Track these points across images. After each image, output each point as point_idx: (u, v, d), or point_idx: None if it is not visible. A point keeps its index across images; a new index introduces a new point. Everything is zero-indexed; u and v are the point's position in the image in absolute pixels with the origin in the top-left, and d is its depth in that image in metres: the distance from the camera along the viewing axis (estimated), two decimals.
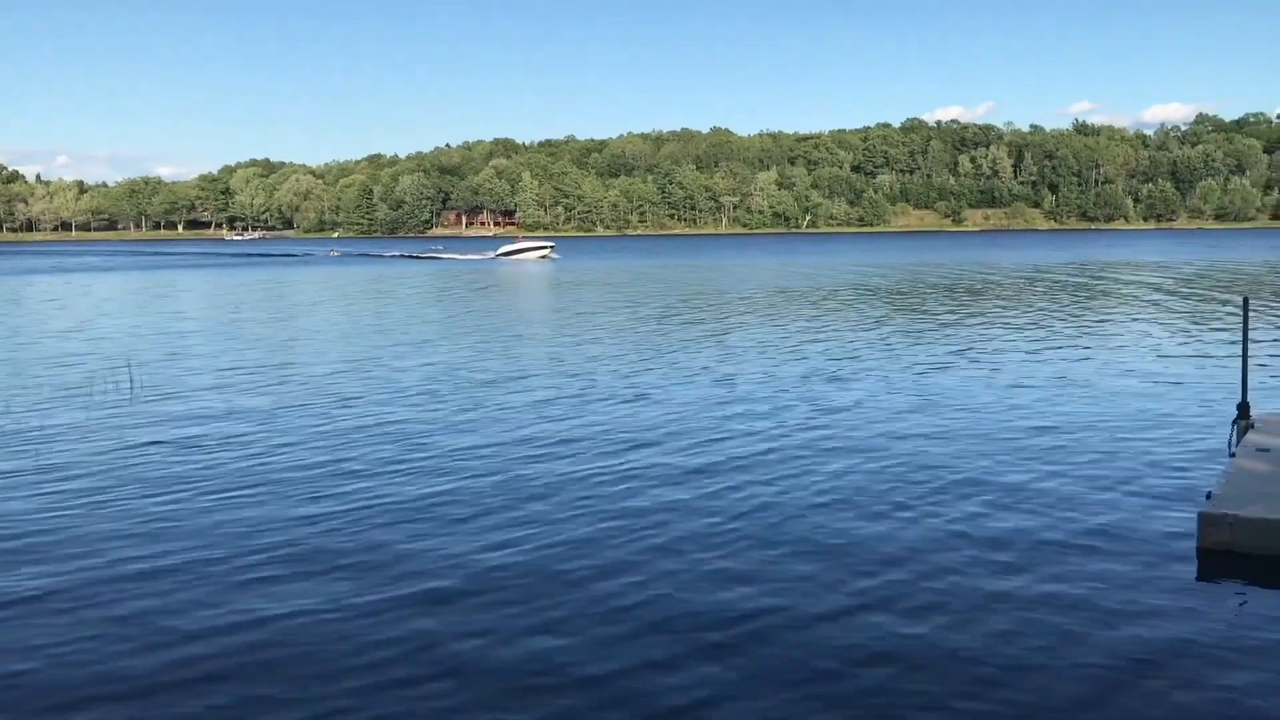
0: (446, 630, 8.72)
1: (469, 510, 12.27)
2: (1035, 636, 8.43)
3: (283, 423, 17.85)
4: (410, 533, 11.40)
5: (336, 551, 10.77)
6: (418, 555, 10.64)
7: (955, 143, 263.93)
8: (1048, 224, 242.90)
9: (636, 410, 18.64)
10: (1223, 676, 7.68)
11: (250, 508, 12.46)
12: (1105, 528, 11.26)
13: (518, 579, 9.90)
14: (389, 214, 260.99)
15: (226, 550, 10.85)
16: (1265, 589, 9.51)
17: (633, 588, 9.64)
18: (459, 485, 13.43)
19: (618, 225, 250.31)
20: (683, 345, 28.75)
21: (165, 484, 13.62)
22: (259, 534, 11.40)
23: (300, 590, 9.66)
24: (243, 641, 8.52)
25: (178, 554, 10.71)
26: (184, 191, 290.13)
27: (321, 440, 16.31)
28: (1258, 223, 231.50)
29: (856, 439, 15.96)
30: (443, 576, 9.99)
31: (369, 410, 19.00)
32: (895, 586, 9.60)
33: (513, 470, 14.21)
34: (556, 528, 11.49)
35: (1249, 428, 14.20)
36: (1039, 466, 14.06)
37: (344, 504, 12.56)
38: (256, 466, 14.58)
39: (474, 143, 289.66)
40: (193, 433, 17.00)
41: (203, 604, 9.36)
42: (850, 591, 9.49)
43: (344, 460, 14.90)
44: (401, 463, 14.71)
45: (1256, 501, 10.60)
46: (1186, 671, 7.77)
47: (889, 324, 34.33)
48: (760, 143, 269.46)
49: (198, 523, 11.84)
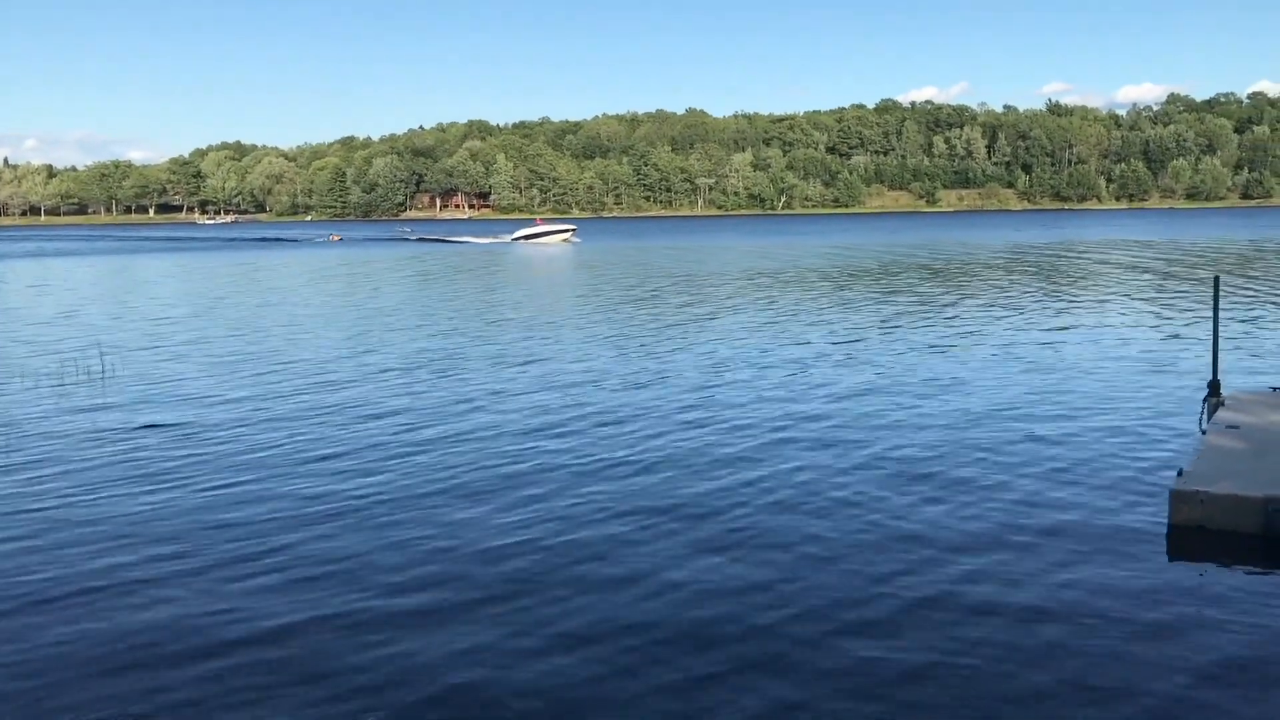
0: (441, 627, 8.71)
1: (458, 498, 12.26)
2: (1005, 613, 8.49)
3: (269, 409, 17.74)
4: (389, 523, 11.37)
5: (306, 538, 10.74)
6: (398, 547, 10.61)
7: (929, 124, 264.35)
8: (1021, 204, 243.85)
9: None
10: (1191, 652, 7.75)
11: (220, 496, 12.38)
12: (1077, 505, 11.34)
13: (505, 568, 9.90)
14: (362, 197, 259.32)
15: (193, 542, 10.78)
16: (1235, 565, 9.60)
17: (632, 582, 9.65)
18: (443, 472, 13.40)
19: (593, 207, 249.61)
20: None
21: (138, 469, 13.53)
22: (227, 523, 11.33)
23: (279, 582, 9.63)
24: (213, 633, 8.48)
25: (143, 542, 10.65)
26: (154, 175, 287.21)
27: (303, 424, 16.23)
28: (1228, 202, 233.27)
29: (848, 421, 16.03)
30: (423, 565, 9.97)
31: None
32: (879, 562, 9.65)
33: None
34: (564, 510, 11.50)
35: (1219, 405, 14.33)
36: (1011, 444, 14.13)
37: (319, 489, 12.51)
38: (231, 453, 14.49)
39: (448, 124, 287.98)
40: (167, 418, 16.87)
41: (175, 598, 9.30)
42: (831, 567, 9.54)
43: (322, 444, 14.83)
44: (381, 448, 14.67)
45: (1227, 478, 10.70)
46: (1156, 647, 7.84)
47: (886, 305, 34.42)
48: (735, 124, 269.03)
49: (168, 510, 11.76)
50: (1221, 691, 7.15)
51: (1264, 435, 12.48)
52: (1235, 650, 7.79)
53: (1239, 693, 7.14)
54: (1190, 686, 7.22)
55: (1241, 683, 7.28)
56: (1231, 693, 7.14)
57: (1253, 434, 12.57)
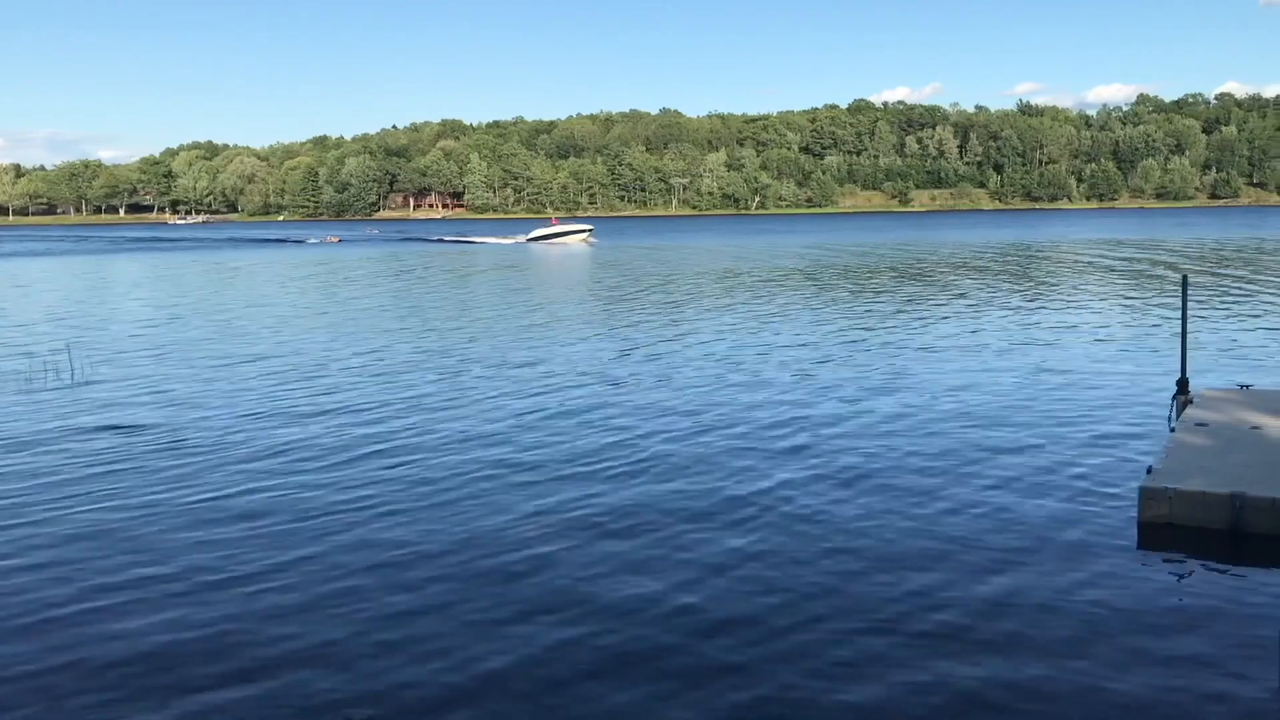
0: (435, 625, 8.71)
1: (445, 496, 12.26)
2: (973, 606, 8.57)
3: (242, 407, 17.66)
4: (363, 517, 11.36)
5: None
6: (376, 543, 10.60)
7: (902, 124, 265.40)
8: (993, 204, 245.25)
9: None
10: (1161, 647, 7.86)
11: (185, 500, 12.33)
12: (1048, 501, 11.47)
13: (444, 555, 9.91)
14: (335, 196, 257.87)
15: (156, 550, 10.74)
16: (1203, 561, 9.73)
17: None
18: (414, 473, 13.39)
19: (567, 207, 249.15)
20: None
21: (108, 466, 13.45)
22: (197, 528, 11.29)
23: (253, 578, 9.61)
24: (169, 632, 8.46)
25: (105, 542, 10.60)
26: (125, 175, 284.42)
27: (277, 422, 16.17)
28: (1196, 202, 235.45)
29: (817, 418, 16.11)
30: (393, 564, 9.97)
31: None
32: (854, 562, 9.72)
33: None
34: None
35: (1188, 403, 14.51)
36: (982, 442, 14.26)
37: (296, 485, 12.48)
38: (205, 453, 14.43)
39: (421, 124, 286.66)
40: (139, 419, 16.76)
41: (143, 601, 9.27)
42: (804, 564, 9.60)
43: (304, 445, 14.79)
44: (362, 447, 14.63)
45: (1195, 475, 10.84)
46: (1126, 641, 7.95)
47: (860, 307, 34.56)
48: (709, 124, 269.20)
49: (128, 513, 11.70)
50: (1189, 685, 7.25)
51: (1232, 432, 12.65)
52: (1203, 644, 7.90)
53: (1206, 686, 7.24)
54: (1158, 679, 7.32)
55: (1208, 676, 7.38)
56: (1198, 686, 7.24)
57: (1221, 431, 12.74)
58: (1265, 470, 10.75)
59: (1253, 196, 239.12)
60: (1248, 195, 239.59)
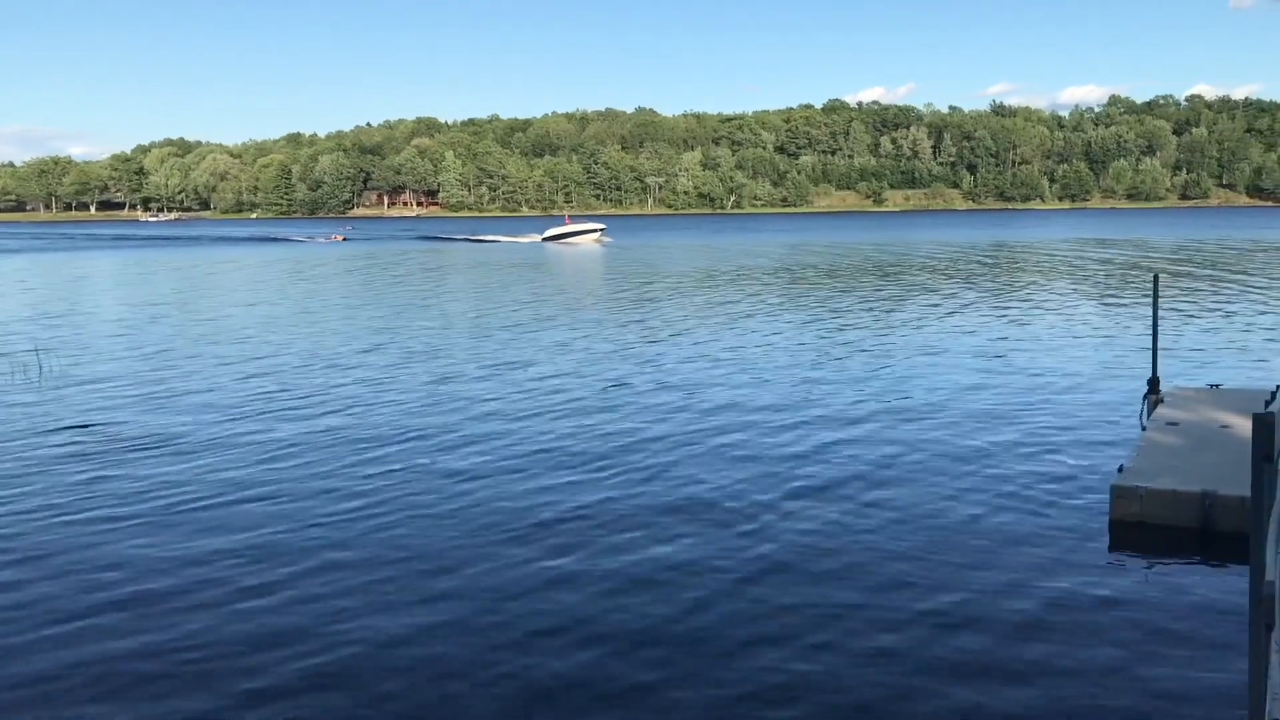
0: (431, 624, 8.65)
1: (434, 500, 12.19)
2: (948, 607, 8.60)
3: (207, 410, 17.52)
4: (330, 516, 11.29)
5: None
6: (347, 542, 10.54)
7: (876, 124, 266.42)
8: (966, 204, 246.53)
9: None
10: (1132, 643, 7.91)
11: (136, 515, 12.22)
12: (1021, 500, 11.53)
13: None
14: (308, 194, 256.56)
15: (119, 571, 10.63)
16: (1172, 558, 9.80)
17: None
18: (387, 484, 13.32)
19: (543, 206, 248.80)
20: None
21: (77, 465, 13.31)
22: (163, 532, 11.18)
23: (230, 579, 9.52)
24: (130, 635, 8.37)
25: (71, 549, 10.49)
26: (96, 172, 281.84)
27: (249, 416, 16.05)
28: (1167, 202, 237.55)
29: (779, 419, 16.13)
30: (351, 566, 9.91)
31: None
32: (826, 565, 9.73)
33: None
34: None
35: (1159, 402, 14.62)
36: (955, 441, 14.32)
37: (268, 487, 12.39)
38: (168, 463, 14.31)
39: (395, 122, 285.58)
40: (105, 419, 16.59)
41: (114, 604, 9.18)
42: (756, 562, 9.61)
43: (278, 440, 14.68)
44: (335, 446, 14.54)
45: (1166, 474, 10.92)
46: (1098, 638, 7.99)
47: (834, 306, 34.65)
48: (685, 123, 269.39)
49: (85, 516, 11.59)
50: (1158, 679, 7.30)
51: (1202, 431, 12.75)
52: (1173, 641, 7.95)
53: (1175, 681, 7.28)
54: (1128, 675, 7.36)
55: (1177, 672, 7.42)
56: (1167, 681, 7.28)
57: (1191, 430, 12.84)
58: (1235, 469, 10.83)
59: (1222, 197, 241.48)
60: (1217, 196, 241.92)
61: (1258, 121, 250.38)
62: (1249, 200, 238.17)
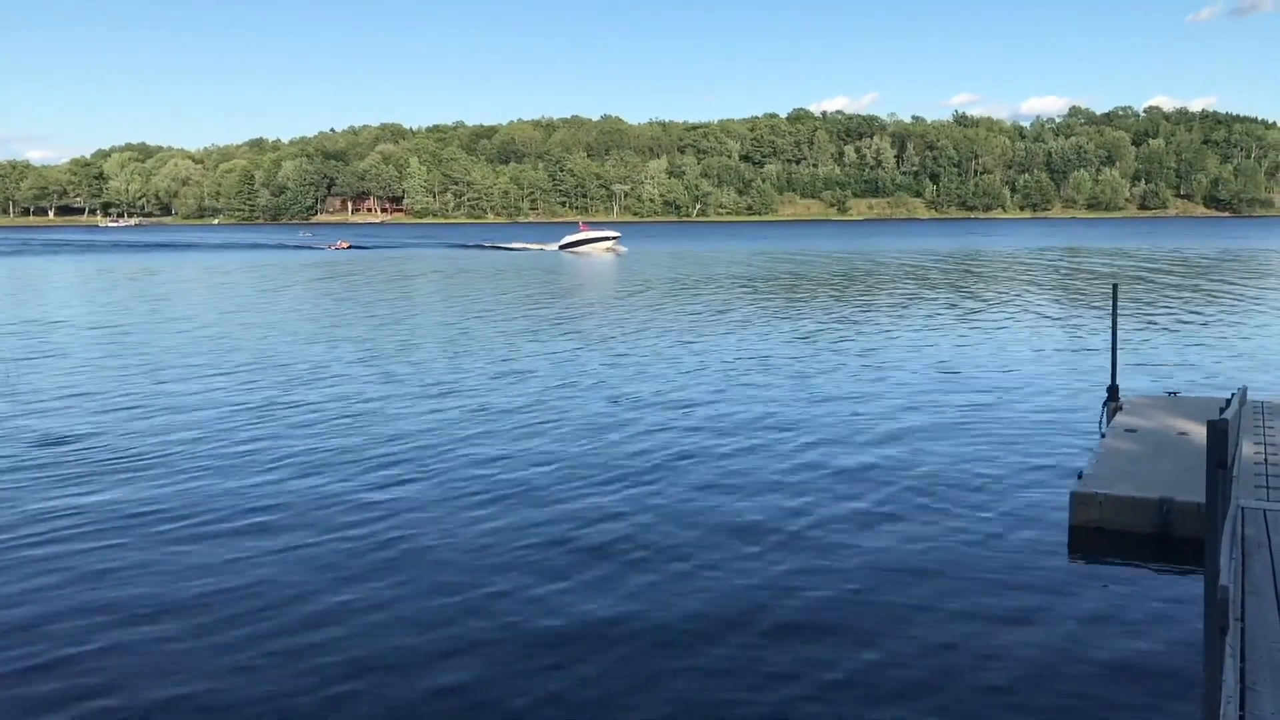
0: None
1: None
2: (907, 613, 8.68)
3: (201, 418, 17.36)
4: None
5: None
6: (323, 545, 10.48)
7: (840, 133, 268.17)
8: (929, 213, 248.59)
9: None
10: (1089, 647, 8.02)
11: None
12: (982, 507, 11.65)
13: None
14: (271, 200, 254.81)
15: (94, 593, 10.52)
16: (1132, 565, 9.94)
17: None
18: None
19: (509, 212, 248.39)
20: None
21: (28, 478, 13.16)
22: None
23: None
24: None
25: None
26: (54, 176, 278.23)
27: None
28: (1126, 212, 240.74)
29: (728, 426, 16.20)
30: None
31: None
32: (778, 576, 9.79)
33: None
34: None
35: (1118, 410, 14.83)
36: (917, 449, 14.45)
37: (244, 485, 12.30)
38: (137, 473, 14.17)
39: (360, 127, 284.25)
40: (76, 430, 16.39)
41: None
42: (721, 566, 9.66)
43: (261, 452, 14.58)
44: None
45: (1125, 480, 11.08)
46: (1055, 643, 8.09)
47: (794, 314, 34.78)
48: (650, 131, 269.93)
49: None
50: (1117, 683, 7.41)
51: (1160, 438, 12.95)
52: (1130, 643, 8.07)
53: (1133, 684, 7.40)
54: (1087, 679, 7.46)
55: (1136, 675, 7.54)
56: (1126, 684, 7.39)
57: (1149, 437, 13.03)
58: (1192, 475, 10.98)
59: (1180, 208, 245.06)
60: (1175, 206, 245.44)
61: (1214, 133, 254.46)
62: (1206, 210, 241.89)
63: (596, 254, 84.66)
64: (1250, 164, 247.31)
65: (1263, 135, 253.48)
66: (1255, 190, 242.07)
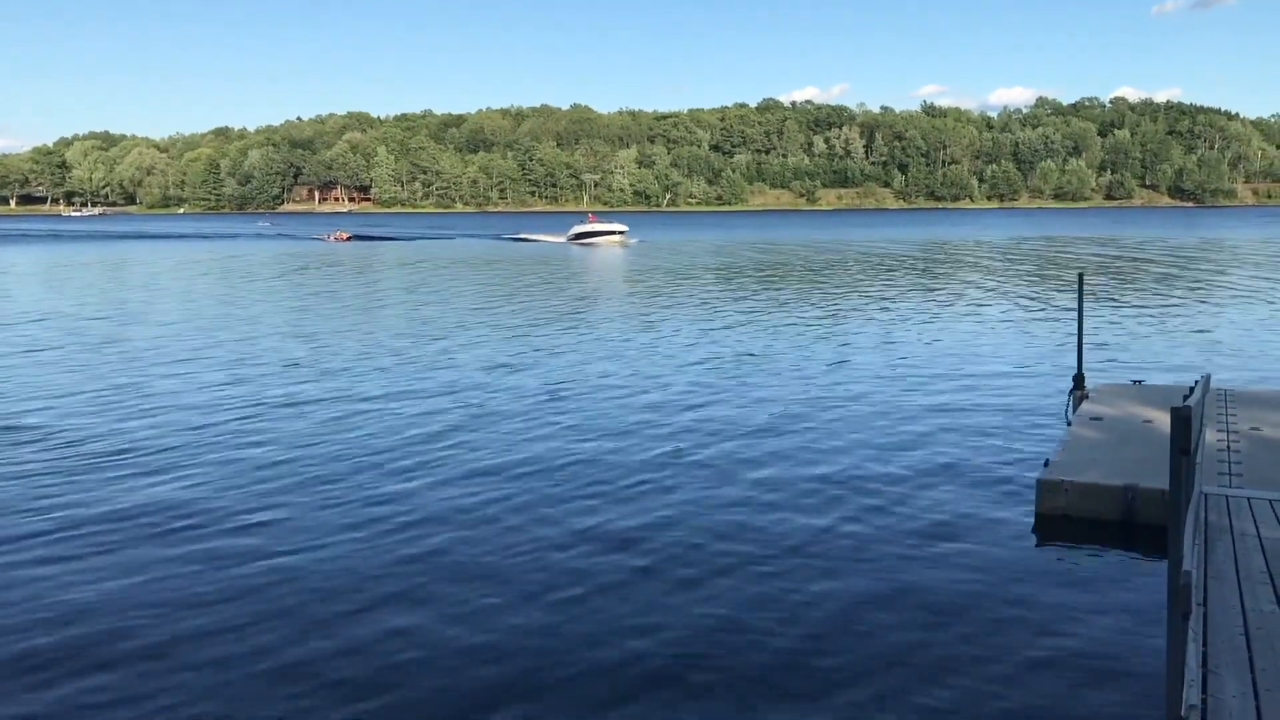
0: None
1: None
2: (872, 602, 8.71)
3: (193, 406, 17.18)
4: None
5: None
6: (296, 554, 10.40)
7: (810, 123, 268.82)
8: (897, 203, 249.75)
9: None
10: (1054, 634, 8.07)
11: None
12: (949, 494, 11.70)
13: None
14: (238, 189, 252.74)
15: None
16: (1097, 551, 10.02)
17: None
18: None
19: (478, 202, 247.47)
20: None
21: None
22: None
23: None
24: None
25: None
26: (16, 165, 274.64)
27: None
28: (1093, 202, 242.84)
29: (700, 421, 16.22)
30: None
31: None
32: (745, 575, 9.80)
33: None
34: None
35: (1084, 398, 14.96)
36: (884, 437, 14.50)
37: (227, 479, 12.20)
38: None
39: (326, 116, 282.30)
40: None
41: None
42: (692, 569, 9.67)
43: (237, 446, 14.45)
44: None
45: (1091, 468, 11.17)
46: (1020, 629, 8.14)
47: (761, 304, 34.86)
48: (620, 120, 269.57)
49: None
50: (1081, 667, 7.46)
51: (1125, 426, 13.07)
52: (1095, 628, 8.13)
53: (1097, 668, 7.46)
54: (1049, 665, 7.51)
55: (1099, 659, 7.61)
56: (1090, 668, 7.45)
57: (1115, 425, 13.15)
58: (1156, 463, 11.08)
59: (1145, 198, 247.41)
60: (1140, 196, 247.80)
61: (1179, 124, 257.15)
62: (1170, 201, 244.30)
63: (606, 246, 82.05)
64: (1214, 155, 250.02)
65: (1225, 126, 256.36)
66: (1219, 181, 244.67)
